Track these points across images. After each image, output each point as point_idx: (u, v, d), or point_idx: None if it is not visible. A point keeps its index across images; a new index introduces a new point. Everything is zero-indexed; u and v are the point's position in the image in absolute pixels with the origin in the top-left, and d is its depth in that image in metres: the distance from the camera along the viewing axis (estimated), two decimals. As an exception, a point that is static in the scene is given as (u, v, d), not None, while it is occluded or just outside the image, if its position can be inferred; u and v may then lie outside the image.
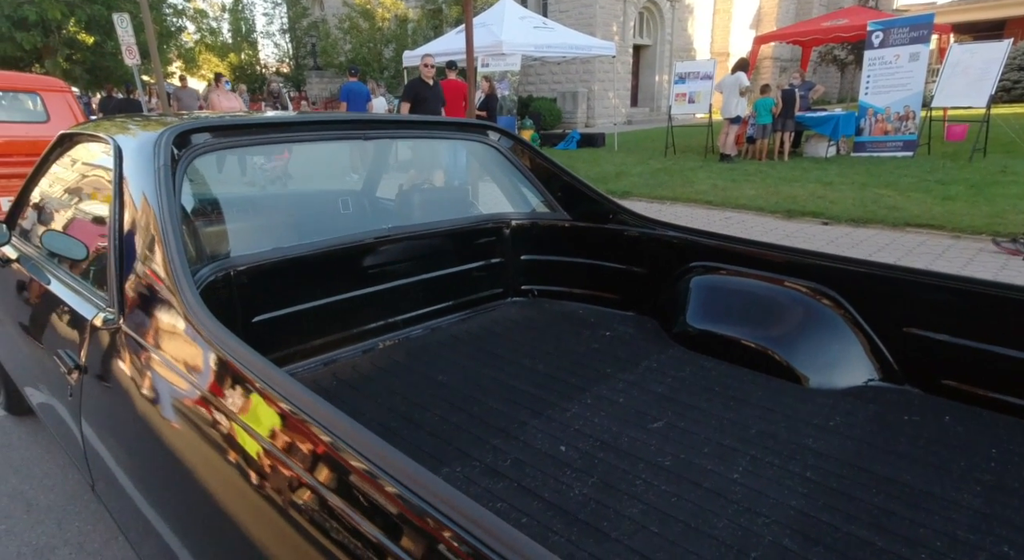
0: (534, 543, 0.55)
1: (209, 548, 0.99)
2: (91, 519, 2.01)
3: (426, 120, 2.10)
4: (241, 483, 0.87)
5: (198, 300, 1.06)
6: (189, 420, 0.99)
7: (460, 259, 2.15)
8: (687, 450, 1.30)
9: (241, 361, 0.91)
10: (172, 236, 1.18)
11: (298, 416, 0.79)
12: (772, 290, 1.80)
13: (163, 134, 1.39)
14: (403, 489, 0.64)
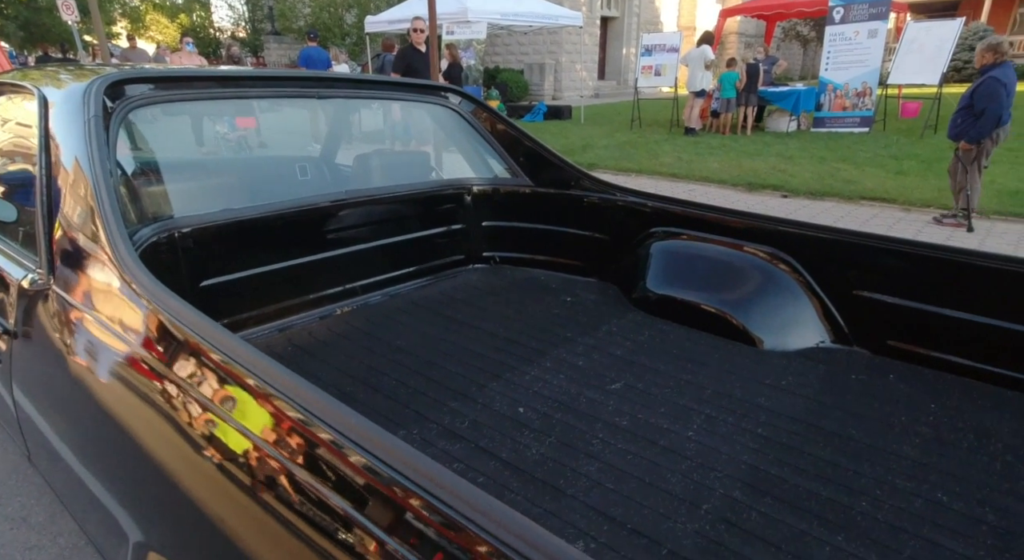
0: (491, 498, 0.53)
1: (155, 516, 0.96)
2: (34, 493, 1.93)
3: (385, 81, 2.03)
4: (185, 448, 0.83)
5: (135, 258, 1.00)
6: (127, 383, 0.94)
7: (420, 225, 2.11)
8: (644, 410, 1.32)
9: (182, 320, 0.87)
10: (105, 192, 1.10)
11: (243, 376, 0.75)
12: (730, 255, 1.82)
13: (93, 83, 1.29)
14: (361, 451, 0.61)
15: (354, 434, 0.63)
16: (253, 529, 0.75)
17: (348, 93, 1.89)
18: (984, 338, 1.38)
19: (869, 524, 0.97)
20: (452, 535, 0.52)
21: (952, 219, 4.88)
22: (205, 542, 0.82)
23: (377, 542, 0.58)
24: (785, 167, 7.21)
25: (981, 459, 1.12)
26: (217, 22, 25.52)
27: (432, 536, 0.54)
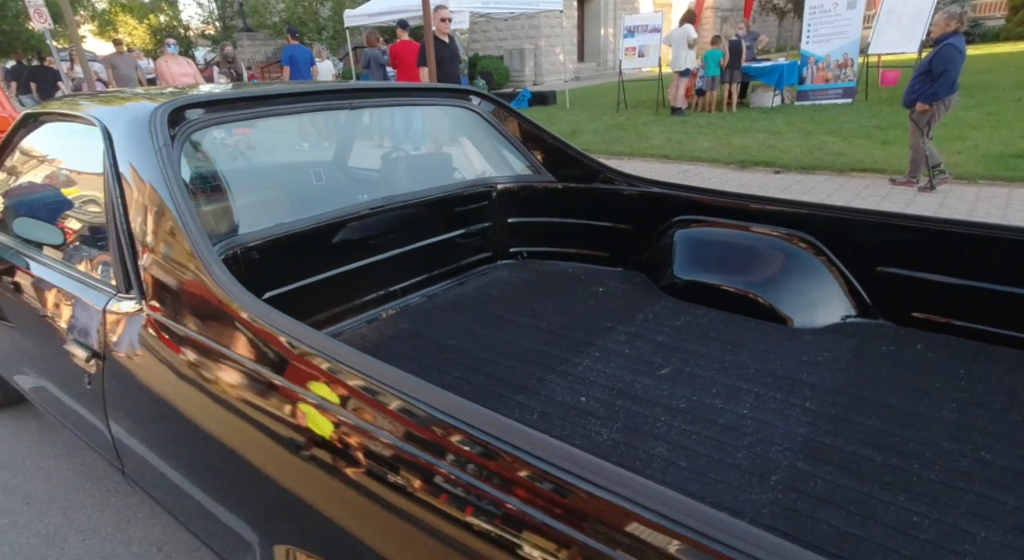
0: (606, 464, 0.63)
1: (277, 522, 1.03)
2: (97, 506, 2.00)
3: (410, 87, 2.08)
4: (300, 450, 0.91)
5: (231, 278, 1.07)
6: (238, 397, 1.01)
7: (450, 225, 2.18)
8: (697, 392, 1.41)
9: (288, 332, 0.95)
10: (189, 217, 1.17)
11: (356, 379, 0.84)
12: (754, 238, 1.92)
13: (156, 112, 1.34)
14: (486, 436, 0.70)
15: (495, 430, 0.71)
16: (371, 520, 0.84)
17: (379, 102, 1.95)
18: (1004, 305, 1.49)
19: (924, 484, 1.07)
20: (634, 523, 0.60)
21: (936, 179, 5.09)
22: (328, 538, 0.91)
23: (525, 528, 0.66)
24: (774, 143, 7.33)
25: (1015, 417, 1.24)
26: (185, 20, 24.95)
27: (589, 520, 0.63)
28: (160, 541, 1.84)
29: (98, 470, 2.17)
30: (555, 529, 0.64)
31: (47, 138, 1.70)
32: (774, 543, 0.53)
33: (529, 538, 0.66)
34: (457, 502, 0.72)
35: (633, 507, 0.59)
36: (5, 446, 2.33)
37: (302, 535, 0.96)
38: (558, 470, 0.65)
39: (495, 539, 0.69)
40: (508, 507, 0.68)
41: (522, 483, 0.68)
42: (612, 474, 0.63)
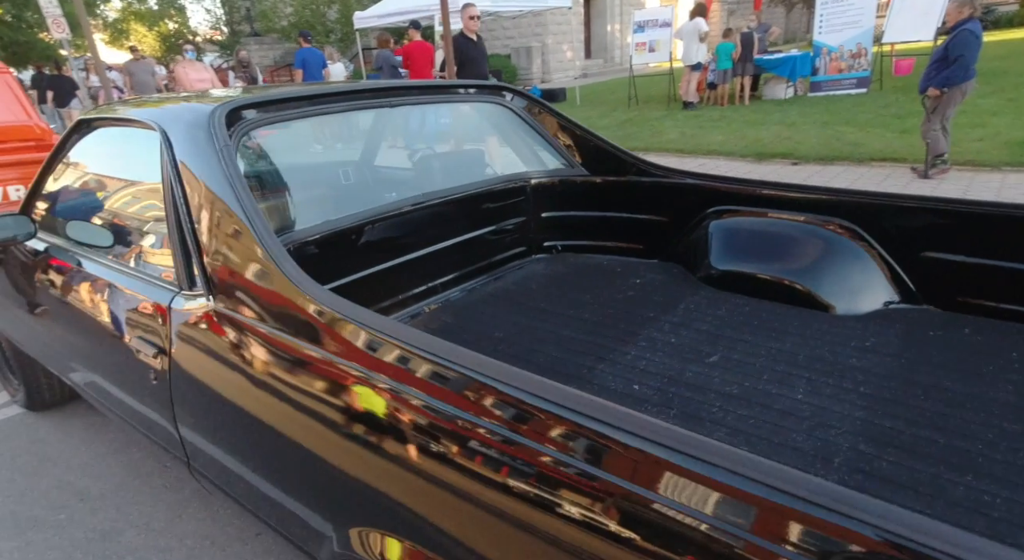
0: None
1: (339, 502, 1.06)
2: (149, 501, 2.04)
3: (444, 84, 2.10)
4: (375, 438, 0.94)
5: (303, 274, 1.10)
6: (308, 386, 1.03)
7: (487, 220, 2.20)
8: (749, 378, 1.43)
9: (366, 322, 0.97)
10: (255, 215, 1.20)
11: (450, 369, 0.86)
12: (792, 226, 1.92)
13: (214, 113, 1.37)
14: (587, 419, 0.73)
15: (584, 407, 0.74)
16: (452, 511, 0.86)
17: (415, 99, 1.98)
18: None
19: (990, 464, 1.08)
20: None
21: (934, 168, 5.09)
22: (409, 523, 0.93)
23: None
24: (789, 134, 7.29)
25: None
26: (193, 26, 25.20)
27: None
28: (213, 535, 1.88)
29: (146, 467, 2.22)
30: (652, 509, 0.66)
31: (101, 143, 1.74)
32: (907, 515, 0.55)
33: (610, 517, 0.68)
34: (548, 483, 0.74)
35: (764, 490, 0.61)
36: (55, 444, 2.39)
37: (379, 519, 0.99)
38: (664, 449, 0.67)
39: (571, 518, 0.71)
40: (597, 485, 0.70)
41: (621, 458, 0.70)
42: (726, 452, 0.65)
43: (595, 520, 0.70)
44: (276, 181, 1.75)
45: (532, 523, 0.75)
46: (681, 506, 0.64)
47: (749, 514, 0.60)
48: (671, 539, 0.64)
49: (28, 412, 2.61)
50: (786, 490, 0.59)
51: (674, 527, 0.64)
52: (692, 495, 0.64)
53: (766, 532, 0.59)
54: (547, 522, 0.74)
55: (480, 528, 0.82)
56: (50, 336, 1.90)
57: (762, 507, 0.60)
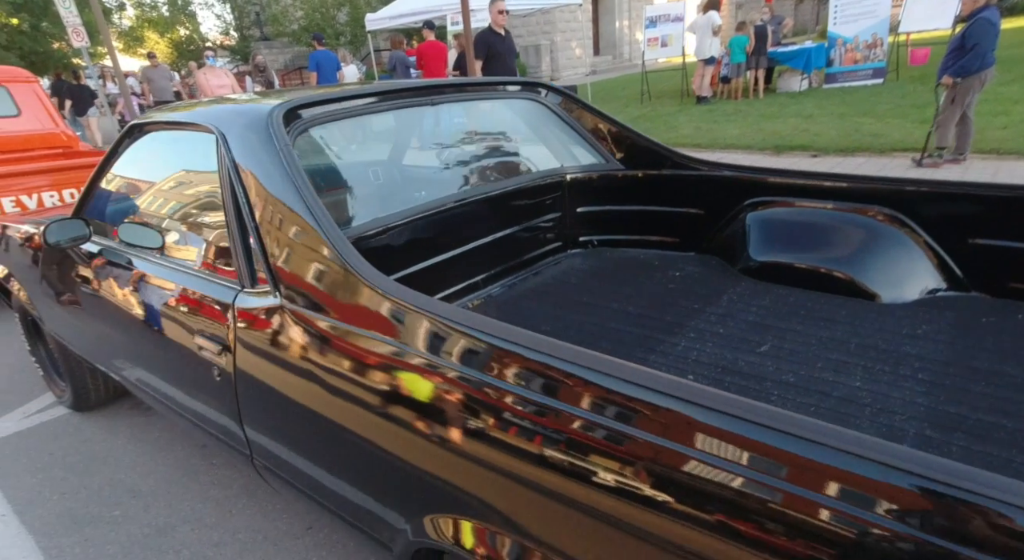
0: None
1: (408, 496, 1.09)
2: (198, 498, 2.08)
3: (481, 81, 2.12)
4: (460, 434, 0.95)
5: (373, 270, 1.12)
6: (383, 382, 1.05)
7: (525, 216, 2.22)
8: (803, 367, 1.43)
9: (441, 314, 0.99)
10: (321, 213, 1.22)
11: (530, 357, 0.88)
12: (833, 216, 1.92)
13: (272, 114, 1.40)
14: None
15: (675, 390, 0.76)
16: (532, 501, 0.88)
17: (455, 97, 2.00)
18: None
19: None
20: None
21: (930, 159, 5.12)
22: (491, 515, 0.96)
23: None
24: (807, 127, 7.24)
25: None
26: (204, 32, 25.43)
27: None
28: (264, 530, 1.92)
29: (193, 464, 2.26)
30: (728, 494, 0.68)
31: (154, 146, 1.77)
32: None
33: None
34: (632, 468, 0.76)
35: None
36: (102, 443, 2.44)
37: (455, 506, 1.01)
38: (754, 427, 0.69)
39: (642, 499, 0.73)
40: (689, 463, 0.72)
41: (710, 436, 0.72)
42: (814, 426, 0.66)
43: (686, 508, 0.72)
44: (323, 179, 1.77)
45: (622, 517, 0.77)
46: (809, 493, 0.65)
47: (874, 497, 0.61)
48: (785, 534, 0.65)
49: (74, 412, 2.67)
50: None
51: (790, 521, 0.65)
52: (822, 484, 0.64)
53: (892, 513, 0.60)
54: (638, 515, 0.76)
55: (560, 517, 0.85)
56: (105, 336, 1.94)
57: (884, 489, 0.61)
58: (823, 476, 0.64)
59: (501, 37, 5.82)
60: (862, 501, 0.61)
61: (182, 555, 1.84)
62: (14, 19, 12.97)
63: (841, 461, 0.63)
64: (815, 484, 0.64)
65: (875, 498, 0.61)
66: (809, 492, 0.64)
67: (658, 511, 0.74)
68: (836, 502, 0.62)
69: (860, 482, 0.62)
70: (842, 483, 0.63)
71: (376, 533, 1.21)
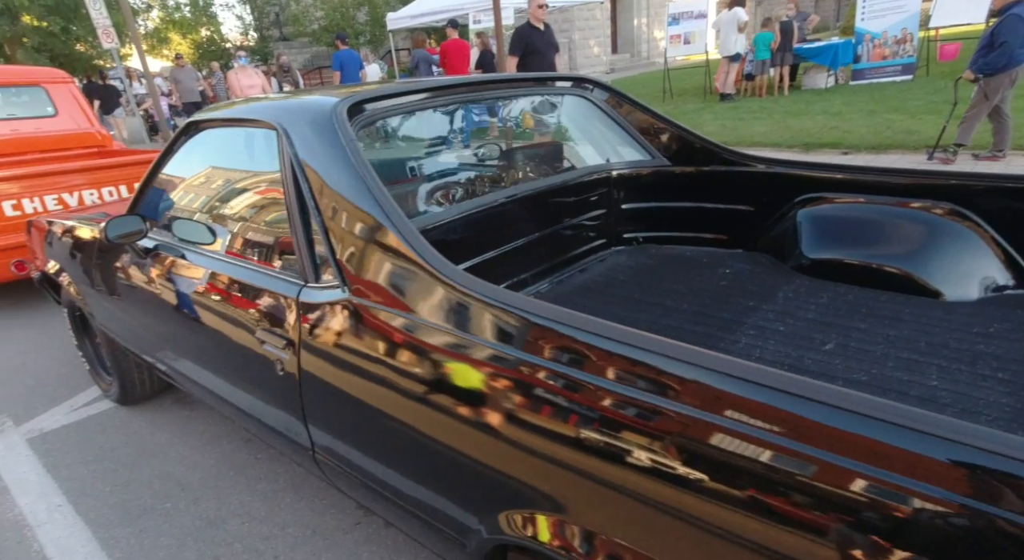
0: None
1: (483, 495, 1.08)
2: (246, 492, 2.10)
3: (532, 76, 2.11)
4: (541, 432, 0.93)
5: (449, 264, 1.11)
6: (458, 378, 1.04)
7: (571, 213, 2.20)
8: (873, 366, 1.40)
9: (528, 309, 0.98)
10: (390, 206, 1.22)
11: (619, 350, 0.87)
12: (891, 212, 1.88)
13: (336, 108, 1.40)
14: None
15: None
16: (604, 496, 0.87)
17: (505, 93, 1.99)
18: None
19: None
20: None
21: (943, 154, 5.10)
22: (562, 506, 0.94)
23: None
24: (836, 124, 7.13)
25: None
26: (224, 33, 25.72)
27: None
28: (313, 524, 1.92)
29: (239, 459, 2.28)
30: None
31: (211, 142, 1.79)
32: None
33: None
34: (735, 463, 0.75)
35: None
36: (150, 437, 2.47)
37: (533, 503, 1.00)
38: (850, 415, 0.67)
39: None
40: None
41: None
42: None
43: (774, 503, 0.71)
44: (380, 174, 1.77)
45: (714, 521, 0.77)
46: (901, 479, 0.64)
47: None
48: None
49: (119, 406, 2.71)
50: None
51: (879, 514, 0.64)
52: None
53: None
54: (732, 518, 0.75)
55: (646, 516, 0.84)
56: (158, 330, 1.96)
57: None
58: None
59: (540, 32, 5.57)
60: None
61: (234, 548, 1.85)
62: (45, 22, 13.23)
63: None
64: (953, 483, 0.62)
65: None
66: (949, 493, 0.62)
67: (761, 515, 0.73)
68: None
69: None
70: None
71: (447, 530, 1.20)
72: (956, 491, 0.61)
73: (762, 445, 0.73)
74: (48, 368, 3.16)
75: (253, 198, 1.65)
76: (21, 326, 3.80)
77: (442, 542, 1.25)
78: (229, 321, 1.58)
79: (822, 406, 0.71)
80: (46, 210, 3.71)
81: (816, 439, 0.70)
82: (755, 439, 0.73)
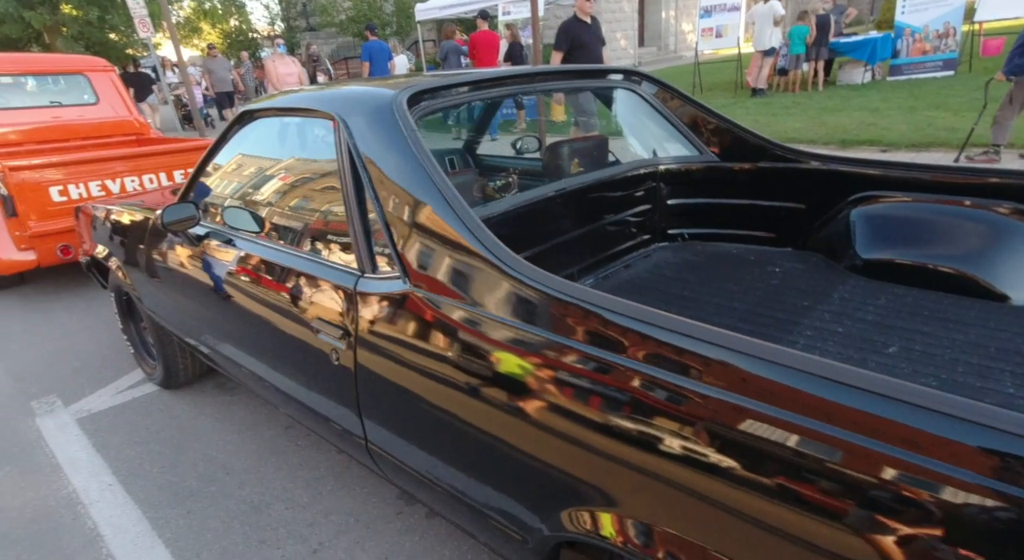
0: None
1: (546, 494, 1.07)
2: (289, 478, 2.13)
3: (581, 69, 2.09)
4: (611, 430, 0.92)
5: (517, 258, 1.10)
6: (525, 373, 1.03)
7: (616, 208, 2.18)
8: (942, 370, 1.36)
9: (605, 306, 0.97)
10: (454, 197, 1.21)
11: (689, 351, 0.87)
12: (954, 211, 1.82)
13: (396, 99, 1.40)
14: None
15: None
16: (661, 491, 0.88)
17: (557, 85, 1.97)
18: None
19: None
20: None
21: (983, 155, 5.04)
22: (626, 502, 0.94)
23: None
24: (874, 120, 6.96)
25: None
26: (253, 23, 25.97)
27: None
28: (355, 512, 1.94)
29: (280, 445, 2.31)
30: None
31: (264, 132, 1.80)
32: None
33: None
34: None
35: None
36: (192, 420, 2.52)
37: (598, 501, 0.99)
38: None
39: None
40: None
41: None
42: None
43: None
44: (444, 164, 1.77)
45: (785, 525, 0.76)
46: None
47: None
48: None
49: (162, 390, 2.76)
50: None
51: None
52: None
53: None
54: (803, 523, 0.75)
55: (717, 518, 0.83)
56: (207, 317, 1.99)
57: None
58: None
59: (587, 25, 5.38)
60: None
61: (279, 533, 1.88)
62: (82, 11, 13.48)
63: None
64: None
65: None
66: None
67: (835, 520, 0.72)
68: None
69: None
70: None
71: (507, 526, 1.19)
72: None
73: (855, 456, 0.71)
74: (92, 350, 3.23)
75: (307, 188, 1.66)
76: (65, 309, 3.90)
77: (497, 536, 1.25)
78: (281, 309, 1.60)
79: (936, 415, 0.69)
80: (91, 196, 3.78)
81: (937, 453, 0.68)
82: (846, 445, 0.72)
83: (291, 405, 1.76)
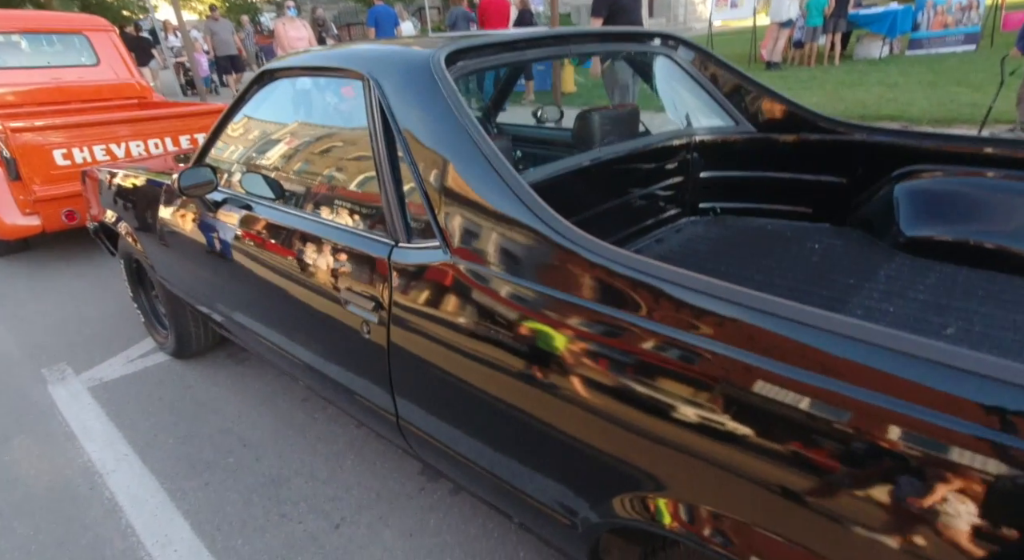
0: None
1: (595, 479, 1.02)
2: (308, 451, 2.08)
3: (616, 31, 1.97)
4: (670, 414, 0.87)
5: (575, 229, 1.03)
6: (577, 348, 0.97)
7: (649, 180, 2.09)
8: (1008, 355, 1.29)
9: (674, 280, 0.90)
10: (500, 161, 1.13)
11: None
12: (1006, 186, 1.74)
13: (433, 58, 1.30)
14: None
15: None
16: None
17: (593, 48, 1.86)
18: None
19: None
20: None
21: (1010, 133, 4.90)
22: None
23: None
24: (894, 96, 6.79)
25: None
26: (252, -13, 25.25)
27: None
28: (376, 488, 1.90)
29: (297, 418, 2.27)
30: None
31: (286, 93, 1.70)
32: None
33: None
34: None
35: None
36: (206, 392, 2.47)
37: (652, 486, 0.94)
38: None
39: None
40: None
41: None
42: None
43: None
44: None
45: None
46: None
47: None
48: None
49: (174, 359, 2.71)
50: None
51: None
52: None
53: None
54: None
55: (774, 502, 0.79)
56: (224, 286, 1.91)
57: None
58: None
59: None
60: None
61: (300, 508, 1.84)
62: None
63: None
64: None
65: None
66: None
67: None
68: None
69: None
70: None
71: (553, 511, 1.14)
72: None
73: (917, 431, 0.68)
74: (102, 318, 3.17)
75: (334, 152, 1.57)
76: (73, 275, 3.83)
77: (541, 519, 1.20)
78: (305, 280, 1.52)
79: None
80: (95, 161, 3.68)
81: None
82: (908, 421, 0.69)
83: (313, 377, 1.70)
